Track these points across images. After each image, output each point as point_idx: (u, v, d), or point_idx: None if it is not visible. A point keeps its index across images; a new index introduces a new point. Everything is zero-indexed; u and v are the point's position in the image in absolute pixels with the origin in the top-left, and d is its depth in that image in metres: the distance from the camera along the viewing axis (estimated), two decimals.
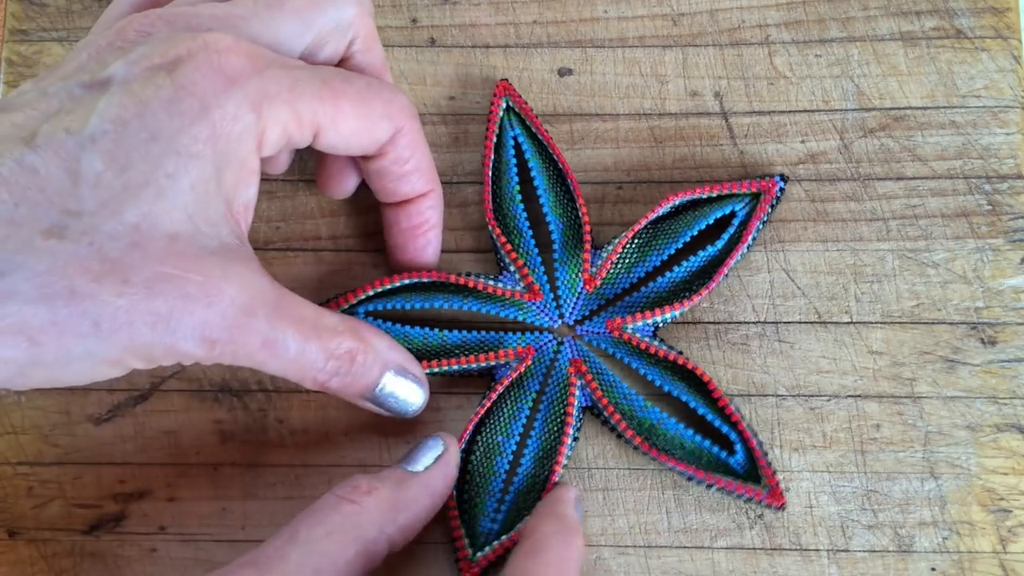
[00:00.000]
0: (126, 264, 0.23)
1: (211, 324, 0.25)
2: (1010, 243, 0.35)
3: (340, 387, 0.29)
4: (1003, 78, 0.36)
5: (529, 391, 0.33)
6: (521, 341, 0.34)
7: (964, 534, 0.33)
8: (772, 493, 0.31)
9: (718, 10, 0.37)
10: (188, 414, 0.34)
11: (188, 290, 0.24)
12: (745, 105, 0.36)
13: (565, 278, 0.34)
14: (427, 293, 0.33)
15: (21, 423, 0.34)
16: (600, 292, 0.34)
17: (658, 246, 0.34)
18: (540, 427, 0.33)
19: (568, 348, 0.34)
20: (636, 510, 0.33)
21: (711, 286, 0.33)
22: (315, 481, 0.34)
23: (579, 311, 0.34)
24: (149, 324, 0.24)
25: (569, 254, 0.34)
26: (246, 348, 0.26)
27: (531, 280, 0.33)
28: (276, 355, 0.26)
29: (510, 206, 0.34)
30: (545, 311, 0.34)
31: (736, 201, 0.34)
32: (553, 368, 0.34)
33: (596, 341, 0.34)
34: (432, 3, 0.37)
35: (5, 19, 0.37)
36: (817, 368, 0.34)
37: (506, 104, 0.35)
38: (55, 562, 0.33)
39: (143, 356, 0.24)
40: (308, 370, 0.28)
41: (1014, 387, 0.34)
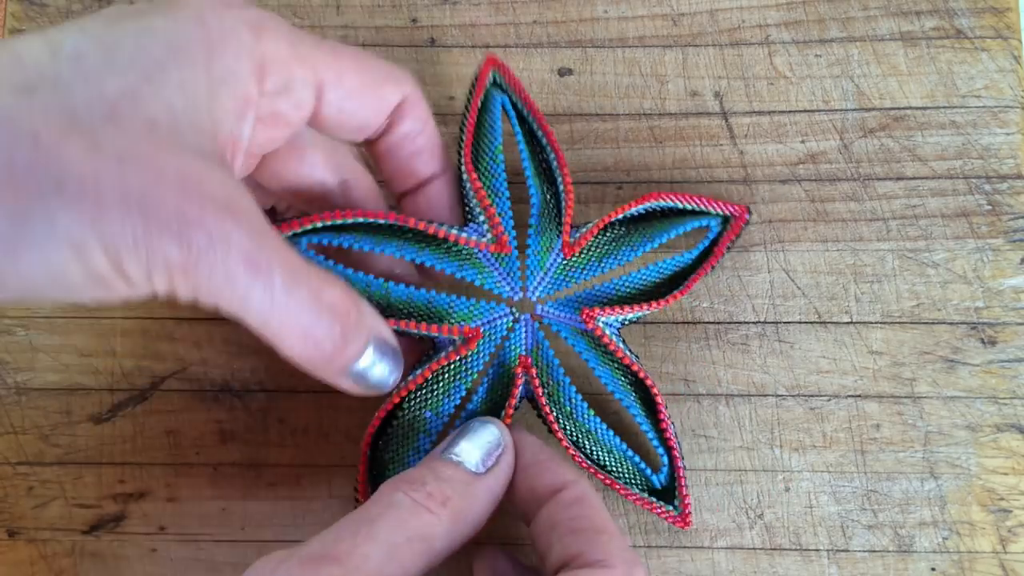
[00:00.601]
0: (98, 131, 0.21)
1: (189, 217, 0.21)
2: (1010, 243, 0.35)
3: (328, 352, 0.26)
4: (1003, 78, 0.36)
5: (471, 370, 0.31)
6: (472, 313, 0.31)
7: (964, 534, 0.33)
8: (682, 516, 0.31)
9: (718, 10, 0.37)
10: (188, 414, 0.34)
11: (165, 174, 0.21)
12: (745, 105, 0.36)
13: (536, 247, 0.32)
14: (380, 236, 0.30)
15: (21, 423, 0.34)
16: (568, 271, 0.32)
17: (631, 243, 0.33)
18: (474, 409, 0.31)
19: (523, 329, 0.32)
20: (636, 510, 0.33)
21: (684, 292, 0.32)
22: (315, 481, 0.34)
23: (544, 287, 0.32)
24: (120, 198, 0.21)
25: (544, 226, 0.32)
26: (226, 264, 0.22)
27: (501, 231, 0.30)
28: (259, 281, 0.23)
29: (490, 164, 0.32)
30: (508, 278, 0.31)
31: (711, 217, 0.34)
32: (503, 348, 0.31)
33: (556, 326, 0.32)
34: (432, 3, 0.37)
35: (5, 19, 0.37)
36: (817, 368, 0.34)
37: (493, 79, 0.33)
38: (55, 562, 0.33)
39: (110, 245, 0.21)
40: (294, 315, 0.24)
41: (1014, 387, 0.34)
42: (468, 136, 0.32)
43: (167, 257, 0.21)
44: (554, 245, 0.32)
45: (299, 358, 0.25)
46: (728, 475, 0.34)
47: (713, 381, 0.34)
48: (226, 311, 0.23)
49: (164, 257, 0.21)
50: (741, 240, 0.35)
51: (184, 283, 0.22)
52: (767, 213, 0.35)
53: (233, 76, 0.25)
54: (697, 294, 0.35)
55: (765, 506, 0.33)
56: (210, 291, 0.22)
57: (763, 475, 0.33)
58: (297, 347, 0.25)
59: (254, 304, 0.23)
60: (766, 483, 0.33)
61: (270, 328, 0.24)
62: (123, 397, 0.34)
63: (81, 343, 0.35)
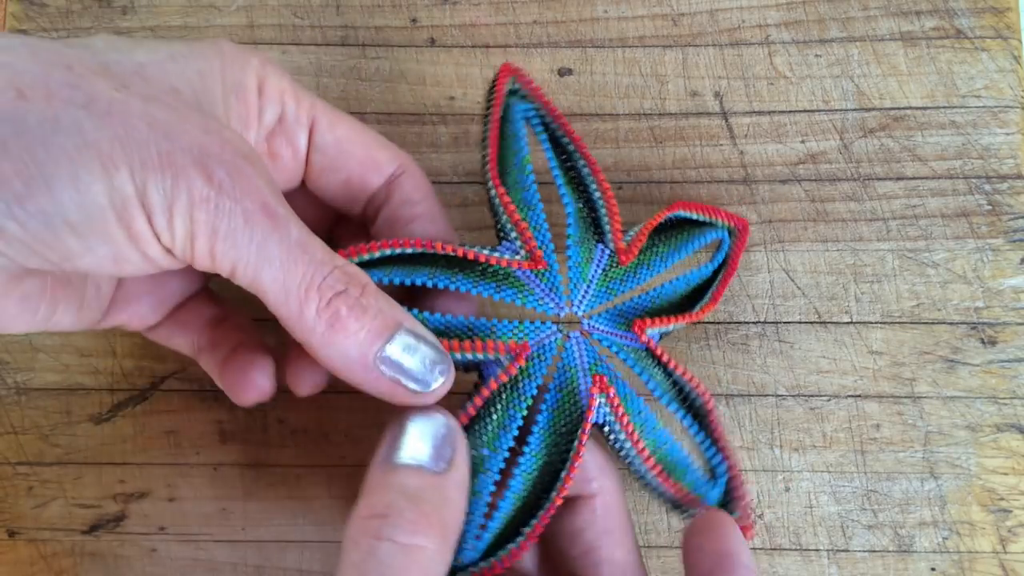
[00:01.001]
0: (127, 79, 0.23)
1: (211, 152, 0.22)
2: (1010, 243, 0.35)
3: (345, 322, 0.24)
4: (1003, 78, 0.36)
5: (524, 395, 0.28)
6: (517, 332, 0.28)
7: (964, 534, 0.33)
8: (743, 529, 0.28)
9: (718, 10, 0.37)
10: (188, 414, 0.34)
11: (188, 117, 0.23)
12: (745, 105, 0.36)
13: (577, 259, 0.29)
14: (410, 267, 0.28)
15: (21, 423, 0.34)
16: (609, 283, 0.30)
17: (660, 254, 0.31)
18: (538, 442, 0.28)
19: (575, 346, 0.29)
20: (636, 510, 0.33)
21: (714, 303, 0.31)
22: (315, 481, 0.34)
23: (588, 301, 0.29)
24: (147, 123, 0.21)
25: (583, 235, 0.30)
26: (244, 205, 0.22)
27: (534, 246, 0.28)
28: (276, 233, 0.23)
29: (518, 176, 0.30)
30: (550, 294, 0.29)
31: (720, 229, 0.33)
32: (557, 369, 0.29)
33: (607, 341, 0.29)
34: (432, 3, 0.37)
35: (5, 19, 0.37)
36: (817, 368, 0.34)
37: (512, 86, 0.31)
38: (55, 562, 0.33)
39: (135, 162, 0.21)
40: (308, 273, 0.23)
41: (1014, 387, 0.34)
42: (492, 149, 0.30)
43: (190, 187, 0.22)
44: (593, 255, 0.30)
45: (309, 326, 0.24)
46: None
47: (713, 381, 0.34)
48: (241, 270, 0.23)
49: (188, 186, 0.22)
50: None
51: (204, 223, 0.22)
52: (767, 213, 0.35)
53: (241, 87, 0.26)
54: None
55: (765, 506, 0.33)
56: (227, 236, 0.22)
57: (763, 475, 0.33)
58: (308, 310, 0.24)
59: (269, 255, 0.23)
60: (766, 483, 0.33)
61: (284, 287, 0.23)
62: (123, 397, 0.34)
63: (81, 343, 0.35)
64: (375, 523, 0.23)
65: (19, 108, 0.21)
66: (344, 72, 0.36)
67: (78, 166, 0.21)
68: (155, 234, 0.22)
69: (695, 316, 0.30)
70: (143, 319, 0.29)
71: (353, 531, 0.24)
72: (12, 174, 0.20)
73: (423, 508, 0.24)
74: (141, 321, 0.29)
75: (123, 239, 0.22)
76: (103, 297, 0.28)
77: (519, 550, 0.26)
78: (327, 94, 0.36)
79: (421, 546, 0.23)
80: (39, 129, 0.20)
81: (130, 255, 0.22)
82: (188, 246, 0.22)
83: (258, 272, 0.23)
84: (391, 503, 0.24)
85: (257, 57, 0.27)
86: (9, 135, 0.20)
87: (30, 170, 0.20)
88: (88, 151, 0.21)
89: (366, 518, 0.24)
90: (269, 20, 0.37)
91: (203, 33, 0.37)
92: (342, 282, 0.24)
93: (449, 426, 0.26)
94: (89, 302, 0.27)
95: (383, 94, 0.36)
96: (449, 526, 0.24)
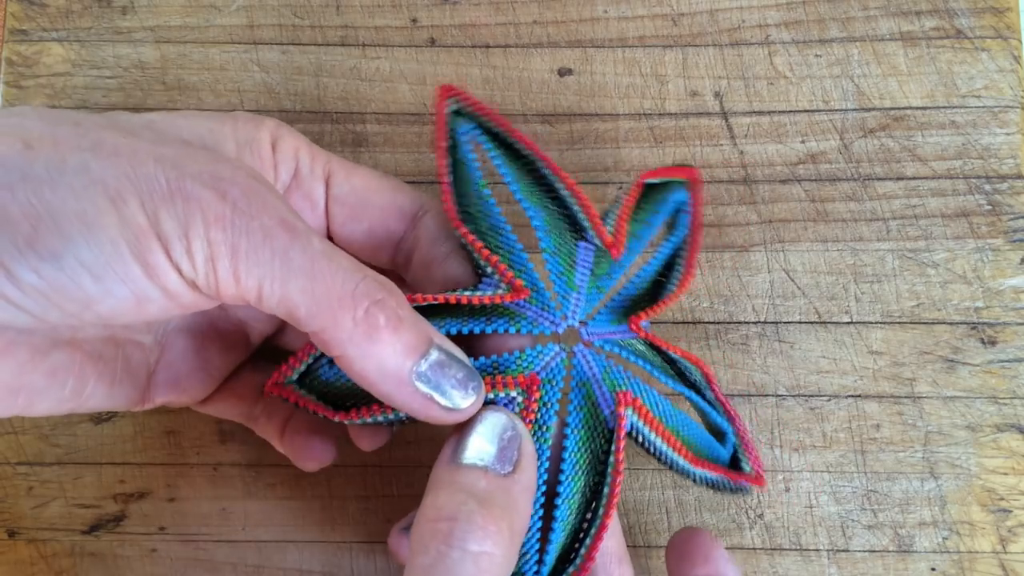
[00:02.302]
0: (135, 130, 0.23)
1: (222, 175, 0.22)
2: (1010, 243, 0.35)
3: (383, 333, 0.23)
4: (1003, 78, 0.36)
5: (545, 424, 0.27)
6: (520, 365, 0.27)
7: (964, 534, 0.33)
8: (756, 475, 0.30)
9: (718, 10, 0.37)
10: (188, 414, 0.34)
11: (195, 153, 0.23)
12: (745, 105, 0.36)
13: (559, 269, 0.29)
14: None
15: (21, 423, 0.34)
16: (597, 282, 0.29)
17: (636, 234, 0.30)
18: (571, 466, 0.27)
19: (581, 359, 0.28)
20: (636, 510, 0.33)
21: (690, 274, 0.30)
22: (315, 481, 0.34)
23: (582, 307, 0.29)
24: (154, 158, 0.21)
25: (558, 242, 0.29)
26: (261, 221, 0.22)
27: (511, 276, 0.27)
28: (298, 242, 0.22)
29: (479, 205, 0.29)
30: (543, 314, 0.28)
31: (678, 188, 0.31)
32: (571, 388, 0.28)
33: (608, 345, 0.29)
34: (432, 3, 0.37)
35: (5, 19, 0.37)
36: (817, 368, 0.34)
37: (454, 107, 0.30)
38: (55, 562, 0.33)
39: (145, 192, 0.21)
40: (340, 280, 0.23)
41: (1014, 387, 0.34)
42: (445, 187, 0.29)
43: (203, 208, 0.21)
44: (576, 258, 0.29)
45: (347, 338, 0.23)
46: None
47: None
48: (268, 287, 0.22)
49: (200, 208, 0.21)
50: (741, 240, 0.35)
51: (223, 244, 0.21)
52: (767, 213, 0.35)
53: (255, 142, 0.27)
54: (697, 294, 0.35)
55: (765, 506, 0.33)
56: (249, 253, 0.22)
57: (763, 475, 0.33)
58: (344, 320, 0.23)
59: (296, 268, 0.22)
60: (766, 483, 0.33)
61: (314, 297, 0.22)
62: None
63: None
64: (444, 526, 0.23)
65: (25, 156, 0.21)
66: (344, 72, 0.36)
67: (85, 202, 0.20)
68: (174, 265, 0.21)
69: (678, 293, 0.29)
70: (192, 395, 0.29)
71: (422, 533, 0.23)
72: (20, 216, 0.20)
73: (493, 512, 0.23)
74: (190, 397, 0.29)
75: (140, 274, 0.21)
76: (136, 371, 0.27)
77: (584, 570, 0.26)
78: (327, 94, 0.36)
79: (490, 553, 0.23)
80: (46, 173, 0.20)
81: (150, 292, 0.21)
82: (211, 272, 0.21)
83: (285, 286, 0.22)
84: (460, 506, 0.23)
85: (272, 120, 0.28)
86: (16, 180, 0.20)
87: (38, 211, 0.20)
88: (95, 188, 0.20)
89: (434, 521, 0.23)
90: (269, 20, 0.37)
91: (203, 33, 0.37)
92: (377, 290, 0.23)
93: (516, 428, 0.26)
94: (121, 377, 0.26)
95: (383, 94, 0.36)
96: (516, 531, 0.24)
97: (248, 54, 0.37)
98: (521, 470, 0.25)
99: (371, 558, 0.33)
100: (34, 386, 0.24)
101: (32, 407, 0.24)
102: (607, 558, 0.28)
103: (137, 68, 0.36)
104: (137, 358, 0.27)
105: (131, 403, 0.27)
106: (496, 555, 0.23)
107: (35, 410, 0.25)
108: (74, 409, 0.26)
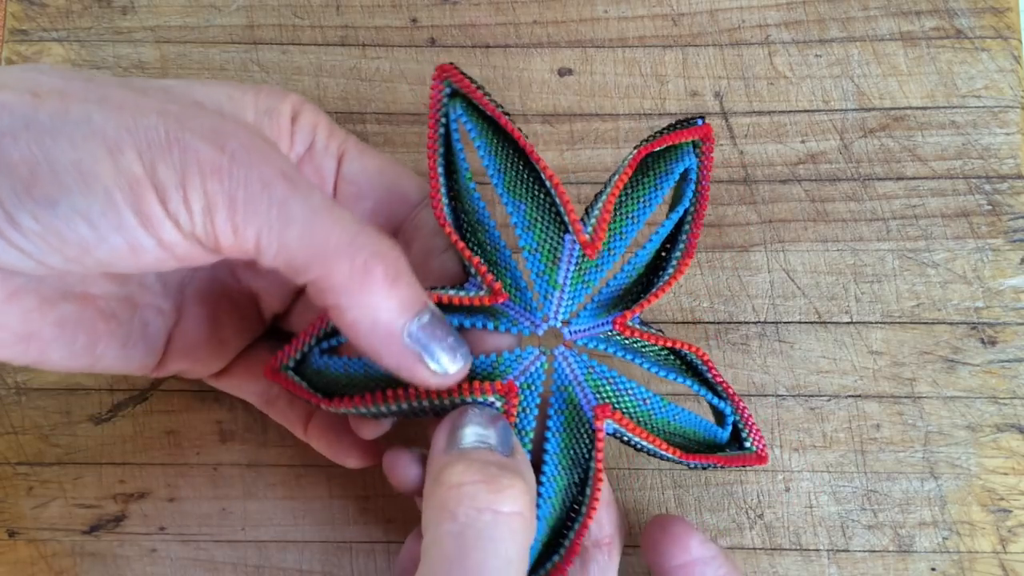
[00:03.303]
0: (148, 91, 0.23)
1: (222, 130, 0.22)
2: (1010, 243, 0.35)
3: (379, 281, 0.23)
4: (1003, 78, 0.36)
5: (524, 430, 0.27)
6: (497, 369, 0.27)
7: (964, 534, 0.33)
8: (758, 454, 0.29)
9: (718, 10, 0.37)
10: (188, 414, 0.34)
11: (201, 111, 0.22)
12: (745, 105, 0.36)
13: (540, 268, 0.28)
14: None
15: (21, 423, 0.34)
16: (583, 275, 0.28)
17: (631, 213, 0.28)
18: (552, 468, 0.27)
19: (562, 361, 0.28)
20: (636, 510, 0.33)
21: (691, 255, 0.29)
22: (315, 481, 0.34)
23: (565, 305, 0.28)
24: (157, 112, 0.21)
25: (541, 237, 0.28)
26: (260, 171, 0.21)
27: (491, 279, 0.27)
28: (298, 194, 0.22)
29: (468, 201, 0.28)
30: (524, 314, 0.28)
31: (686, 153, 0.29)
32: (552, 392, 0.28)
33: (593, 343, 0.28)
34: (432, 3, 0.37)
35: (5, 19, 0.37)
36: (817, 368, 0.34)
37: (449, 89, 0.28)
38: (55, 562, 0.33)
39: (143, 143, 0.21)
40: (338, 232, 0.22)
41: (1014, 387, 0.34)
42: (433, 183, 0.28)
43: (200, 159, 0.21)
44: (560, 253, 0.28)
45: (341, 286, 0.23)
46: (728, 475, 0.34)
47: None
48: (265, 238, 0.22)
49: (197, 158, 0.21)
50: (741, 240, 0.35)
51: (220, 194, 0.21)
52: (767, 213, 0.35)
53: (275, 112, 0.27)
54: (697, 294, 0.35)
55: (765, 506, 0.33)
56: (247, 203, 0.21)
57: (763, 475, 0.34)
58: (340, 269, 0.22)
59: (294, 218, 0.22)
60: (766, 483, 0.33)
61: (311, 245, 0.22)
62: (123, 397, 0.34)
63: None
64: (470, 489, 0.22)
65: (32, 105, 0.21)
66: (344, 72, 0.36)
67: (83, 152, 0.20)
68: (171, 216, 0.21)
69: (670, 283, 0.29)
70: (206, 366, 0.29)
71: (445, 499, 0.23)
72: (20, 163, 0.20)
73: (515, 476, 0.23)
74: (204, 367, 0.29)
75: (134, 223, 0.21)
76: (153, 336, 0.27)
77: (564, 565, 0.26)
78: (327, 94, 0.36)
79: (521, 513, 0.23)
80: (49, 122, 0.21)
81: (144, 242, 0.21)
82: (208, 223, 0.21)
83: (283, 235, 0.22)
84: (482, 468, 0.23)
85: (296, 95, 0.28)
86: (20, 128, 0.21)
87: (37, 159, 0.20)
88: (94, 138, 0.21)
89: (457, 486, 0.23)
90: (269, 20, 0.37)
91: (203, 33, 0.37)
92: (377, 242, 0.23)
93: (505, 420, 0.26)
94: (135, 339, 0.27)
95: (383, 94, 0.36)
96: (533, 499, 0.24)
97: (248, 54, 0.37)
98: (518, 452, 0.25)
99: (371, 558, 0.33)
100: (43, 336, 0.24)
101: (45, 358, 0.25)
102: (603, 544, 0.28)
103: (137, 68, 0.36)
104: (154, 323, 0.27)
105: (145, 368, 0.28)
106: (526, 515, 0.23)
107: (49, 361, 0.25)
108: (89, 367, 0.26)
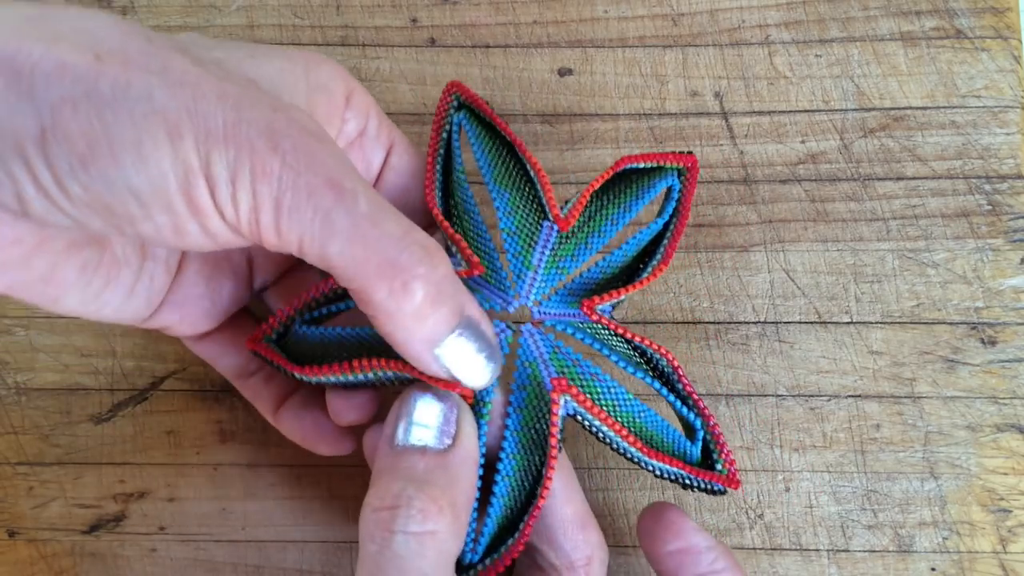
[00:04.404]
0: (204, 60, 0.23)
1: (277, 128, 0.22)
2: (1010, 243, 0.35)
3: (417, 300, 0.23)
4: (1003, 78, 0.36)
5: (483, 401, 0.28)
6: None
7: (964, 534, 0.33)
8: (730, 476, 0.29)
9: (718, 10, 0.37)
10: (188, 414, 0.34)
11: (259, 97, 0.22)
12: (745, 105, 0.36)
13: (516, 249, 0.29)
14: None
15: (21, 423, 0.34)
16: (558, 262, 0.29)
17: (610, 216, 0.30)
18: (512, 445, 0.28)
19: (529, 340, 0.29)
20: (636, 510, 0.33)
21: (666, 264, 0.30)
22: (315, 481, 0.34)
23: (538, 287, 0.29)
24: (217, 94, 0.21)
25: (521, 223, 0.29)
26: (308, 178, 0.22)
27: (470, 254, 0.28)
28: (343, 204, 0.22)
29: (459, 192, 0.30)
30: (497, 293, 0.29)
31: (670, 174, 0.31)
32: (516, 367, 0.29)
33: (561, 325, 0.29)
34: (432, 3, 0.37)
35: None
36: (817, 368, 0.34)
37: (456, 101, 0.31)
38: (55, 562, 0.33)
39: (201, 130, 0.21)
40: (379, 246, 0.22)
41: (1014, 387, 0.34)
42: (429, 171, 0.30)
43: (253, 159, 0.21)
44: (537, 238, 0.29)
45: (379, 304, 0.23)
46: None
47: (713, 381, 0.34)
48: (308, 245, 0.22)
49: (251, 158, 0.21)
50: (741, 240, 0.35)
51: (267, 197, 0.21)
52: (767, 213, 0.35)
53: (328, 90, 0.27)
54: (697, 294, 0.35)
55: (765, 506, 0.33)
56: (292, 210, 0.22)
57: (763, 475, 0.34)
58: (379, 288, 0.23)
59: (337, 231, 0.22)
60: (766, 483, 0.33)
61: (352, 261, 0.22)
62: (123, 397, 0.34)
63: (81, 343, 0.35)
64: (386, 515, 0.24)
65: (94, 70, 0.20)
66: None
67: (143, 132, 0.20)
68: (218, 208, 0.21)
69: (644, 282, 0.29)
70: (194, 323, 0.29)
71: (367, 523, 0.24)
72: (78, 135, 0.20)
73: (431, 493, 0.24)
74: (192, 325, 0.29)
75: (184, 210, 0.21)
76: (156, 288, 0.27)
77: (516, 547, 0.27)
78: None
79: (433, 531, 0.24)
80: (110, 93, 0.20)
81: (190, 227, 0.22)
82: (254, 221, 0.22)
83: (324, 246, 0.22)
84: (400, 492, 0.24)
85: (343, 68, 0.28)
86: (80, 96, 0.20)
87: (96, 132, 0.20)
88: (155, 118, 0.21)
89: (378, 510, 0.24)
90: (269, 20, 0.37)
91: (203, 33, 0.37)
92: (419, 262, 0.23)
93: (452, 401, 0.26)
94: (139, 288, 0.27)
95: (383, 94, 0.36)
96: (459, 504, 0.25)
97: None
98: (460, 443, 0.26)
99: None
100: (65, 279, 0.24)
101: (59, 302, 0.25)
102: (567, 525, 0.28)
103: None
104: (159, 273, 0.27)
105: (138, 318, 0.28)
106: (439, 531, 0.24)
107: (62, 304, 0.25)
108: (90, 313, 0.26)
